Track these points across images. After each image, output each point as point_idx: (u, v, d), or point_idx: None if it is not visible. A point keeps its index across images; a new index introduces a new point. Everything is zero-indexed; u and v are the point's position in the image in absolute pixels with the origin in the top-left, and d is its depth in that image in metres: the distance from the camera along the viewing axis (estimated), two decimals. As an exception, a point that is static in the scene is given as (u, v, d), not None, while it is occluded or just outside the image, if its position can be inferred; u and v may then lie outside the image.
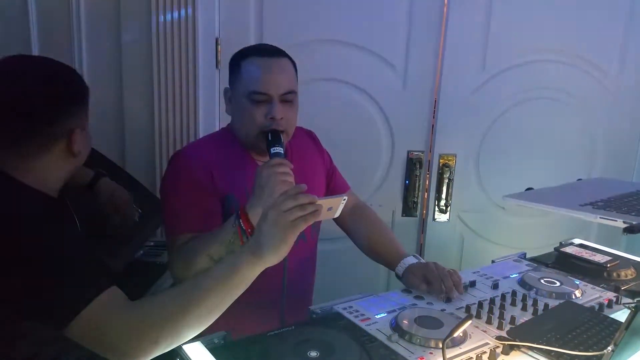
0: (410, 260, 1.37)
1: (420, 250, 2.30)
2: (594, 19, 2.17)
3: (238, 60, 1.30)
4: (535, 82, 2.19)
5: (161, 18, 1.90)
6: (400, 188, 2.25)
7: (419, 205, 2.26)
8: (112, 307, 0.88)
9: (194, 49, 1.94)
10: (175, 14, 1.91)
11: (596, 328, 1.10)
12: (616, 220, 0.80)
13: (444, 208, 2.25)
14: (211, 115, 1.99)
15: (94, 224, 1.34)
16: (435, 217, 2.26)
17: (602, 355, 0.91)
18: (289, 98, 1.28)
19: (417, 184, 2.23)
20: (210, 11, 1.95)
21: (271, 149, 1.22)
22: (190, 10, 1.91)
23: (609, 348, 0.88)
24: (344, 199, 1.02)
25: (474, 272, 1.42)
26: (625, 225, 0.77)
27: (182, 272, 1.21)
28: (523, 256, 1.56)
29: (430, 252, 2.27)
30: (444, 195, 2.23)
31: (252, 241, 0.94)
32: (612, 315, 1.18)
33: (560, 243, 1.62)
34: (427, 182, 2.25)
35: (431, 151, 2.21)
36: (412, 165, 2.21)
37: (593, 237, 2.28)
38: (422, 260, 1.37)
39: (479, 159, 2.24)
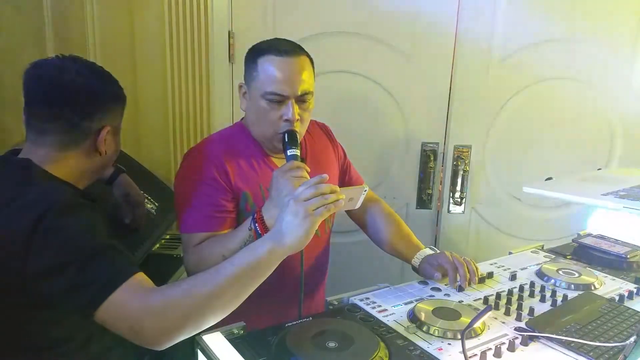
0: (427, 252, 1.36)
1: (435, 243, 2.29)
2: (608, 1, 2.12)
3: (255, 56, 1.26)
4: (552, 71, 2.16)
5: (174, 12, 1.90)
6: (415, 180, 2.23)
7: (433, 198, 2.24)
8: (140, 292, 0.89)
9: (206, 43, 1.94)
10: (188, 7, 1.91)
11: (617, 319, 1.09)
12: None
13: (459, 200, 2.23)
14: (225, 109, 2.00)
15: (112, 217, 1.36)
16: (450, 209, 2.25)
17: (624, 347, 0.90)
18: (305, 99, 1.26)
19: (431, 176, 2.21)
20: (223, 4, 1.95)
21: (287, 151, 1.20)
22: (203, 4, 1.91)
23: (632, 339, 0.87)
24: (365, 190, 1.02)
25: (492, 264, 1.41)
26: (649, 214, 0.76)
27: (196, 272, 1.22)
28: (541, 247, 1.55)
29: (445, 245, 2.26)
30: (458, 187, 2.22)
31: (274, 230, 0.95)
32: (632, 307, 1.17)
33: (578, 234, 1.60)
34: (441, 174, 2.23)
35: (445, 143, 2.20)
36: (427, 157, 2.20)
37: (613, 228, 2.25)
38: (438, 251, 1.36)
39: (494, 150, 2.22)
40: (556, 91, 2.19)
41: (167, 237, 1.81)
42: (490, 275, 1.31)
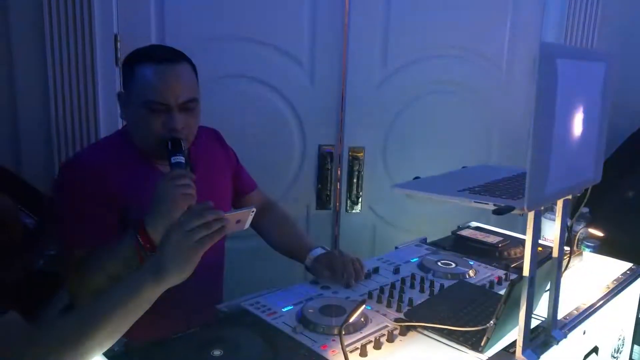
0: (318, 251, 1.40)
1: (335, 242, 2.35)
2: (484, 14, 2.31)
3: (132, 64, 1.22)
4: (435, 77, 2.30)
5: (54, 13, 1.80)
6: (314, 182, 2.28)
7: (332, 198, 2.31)
8: (9, 334, 0.84)
9: (91, 46, 1.85)
10: (70, 9, 1.81)
11: (486, 304, 1.19)
12: (487, 204, 0.87)
13: (356, 199, 2.31)
14: (112, 115, 1.91)
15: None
16: (348, 208, 2.32)
17: (486, 329, 0.99)
18: (189, 106, 1.23)
19: (329, 178, 2.27)
20: (107, 5, 1.87)
21: (172, 159, 1.17)
22: (85, 5, 1.82)
23: (491, 322, 0.96)
24: (253, 211, 1.01)
25: (378, 259, 1.47)
26: (494, 208, 0.84)
27: (78, 289, 1.17)
28: (424, 241, 1.65)
29: (344, 243, 2.33)
30: (354, 187, 2.30)
31: (153, 262, 0.90)
32: (501, 292, 1.28)
33: (458, 227, 1.72)
34: (338, 175, 2.30)
35: (341, 144, 2.27)
36: (324, 159, 2.25)
37: (494, 219, 2.44)
38: (329, 250, 1.41)
39: (386, 151, 2.32)
40: (440, 99, 2.34)
41: (52, 252, 1.70)
42: (375, 270, 1.38)
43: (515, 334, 1.00)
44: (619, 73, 1.13)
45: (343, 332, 1.02)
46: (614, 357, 1.43)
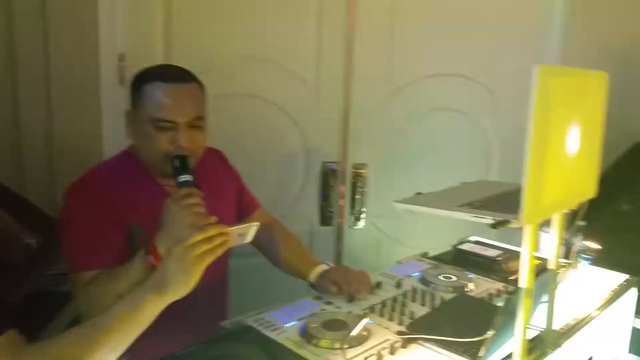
0: (322, 267, 1.42)
1: (338, 258, 2.36)
2: (481, 38, 2.33)
3: (140, 83, 1.26)
4: (436, 96, 2.34)
5: (59, 32, 1.83)
6: (317, 198, 2.30)
7: (335, 215, 2.32)
8: (10, 353, 0.85)
9: (96, 65, 1.88)
10: (76, 27, 1.84)
11: (485, 316, 1.20)
12: (486, 218, 0.89)
13: (359, 216, 2.33)
14: (116, 134, 1.93)
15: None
16: (351, 225, 2.34)
17: (485, 340, 1.01)
18: (196, 124, 1.26)
19: (332, 194, 2.29)
20: (112, 25, 1.89)
21: (179, 178, 1.19)
22: (91, 24, 1.85)
23: (489, 332, 0.98)
24: (256, 225, 1.03)
25: (380, 274, 1.49)
26: (492, 222, 0.87)
27: (90, 311, 1.17)
28: (425, 255, 1.67)
29: (348, 259, 2.34)
30: (358, 204, 2.32)
31: (156, 277, 0.92)
32: (500, 304, 1.30)
33: (458, 241, 1.74)
34: (342, 192, 2.32)
35: (345, 161, 2.29)
36: (327, 176, 2.28)
37: (495, 234, 2.45)
38: (333, 266, 1.43)
39: (389, 168, 2.35)
40: (442, 118, 2.37)
41: (53, 272, 1.71)
42: (378, 284, 1.40)
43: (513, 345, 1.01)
44: (614, 89, 1.16)
45: (346, 346, 1.04)
46: (612, 367, 1.44)
